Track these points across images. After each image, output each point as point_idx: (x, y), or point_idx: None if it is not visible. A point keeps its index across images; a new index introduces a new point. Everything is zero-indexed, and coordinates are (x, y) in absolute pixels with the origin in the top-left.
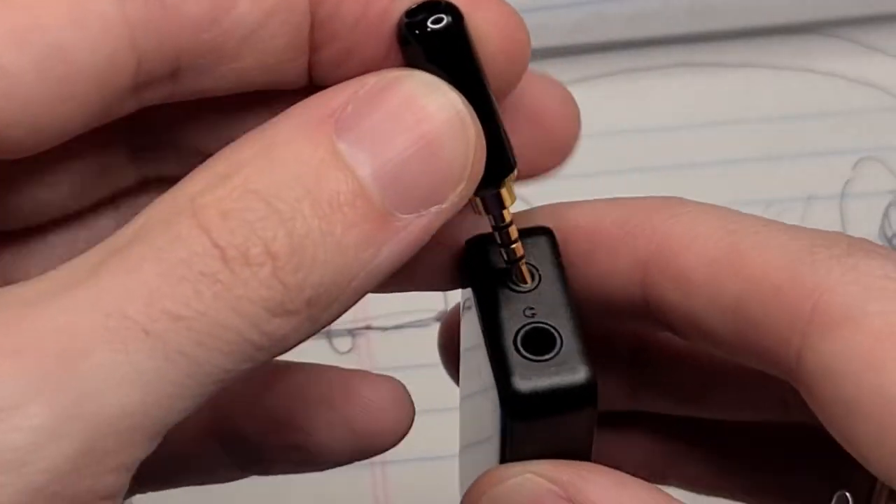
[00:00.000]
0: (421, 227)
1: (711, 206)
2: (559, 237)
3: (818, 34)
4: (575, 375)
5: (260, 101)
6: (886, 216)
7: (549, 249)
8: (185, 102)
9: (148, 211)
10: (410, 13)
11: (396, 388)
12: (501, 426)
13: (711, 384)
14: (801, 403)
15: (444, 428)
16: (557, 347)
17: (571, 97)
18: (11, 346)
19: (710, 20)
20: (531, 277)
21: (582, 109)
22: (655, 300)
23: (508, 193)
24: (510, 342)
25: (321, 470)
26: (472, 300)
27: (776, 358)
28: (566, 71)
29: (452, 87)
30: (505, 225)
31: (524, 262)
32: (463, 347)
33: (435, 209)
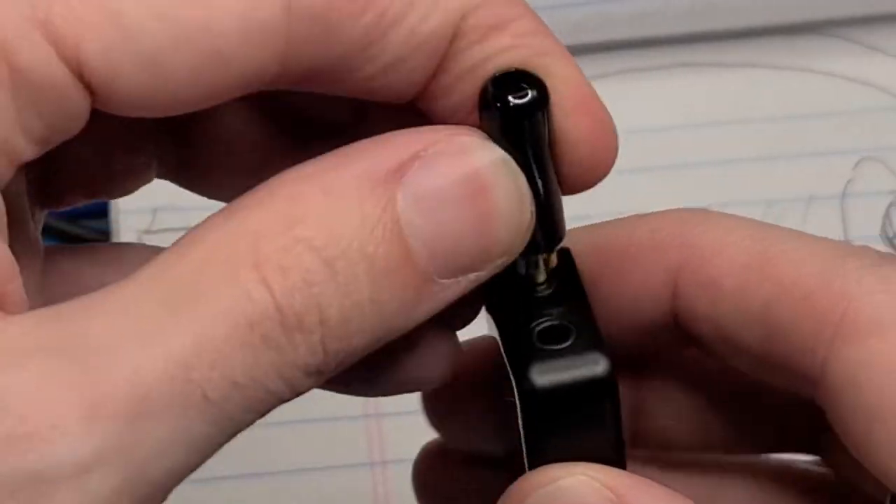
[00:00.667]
0: (456, 292)
1: (739, 216)
2: (590, 257)
3: (818, 34)
4: (594, 367)
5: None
6: (887, 216)
7: (564, 260)
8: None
9: (208, 234)
10: (497, 81)
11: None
12: (523, 424)
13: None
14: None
15: None
16: (572, 340)
17: (612, 126)
18: (88, 400)
19: (710, 20)
20: (547, 284)
21: None
22: (684, 310)
23: (548, 257)
24: (527, 339)
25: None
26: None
27: (801, 366)
28: None
29: (519, 162)
30: (537, 279)
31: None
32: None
33: (473, 276)
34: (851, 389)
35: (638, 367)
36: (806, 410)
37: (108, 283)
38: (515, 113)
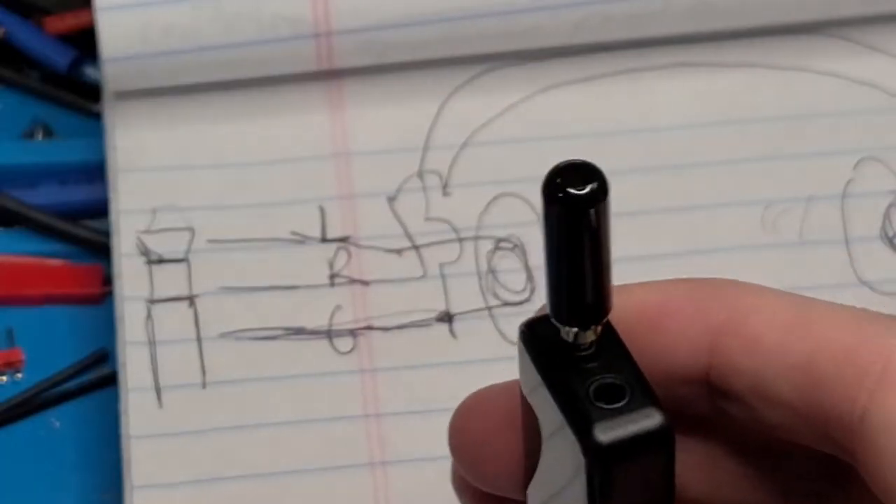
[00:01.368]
0: None
1: (769, 287)
2: (629, 313)
3: (818, 34)
4: (650, 420)
5: None
6: (887, 216)
7: (605, 326)
8: None
9: None
10: (558, 174)
11: None
12: (588, 483)
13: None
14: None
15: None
16: (628, 397)
17: None
18: None
19: (710, 20)
20: (592, 349)
21: (582, 109)
22: (722, 366)
23: (596, 327)
24: (584, 398)
25: None
26: (536, 381)
27: (840, 415)
28: (566, 71)
29: (576, 247)
30: (583, 343)
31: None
32: (545, 434)
33: None
34: (890, 436)
35: None
36: (822, 470)
37: None
38: (579, 206)
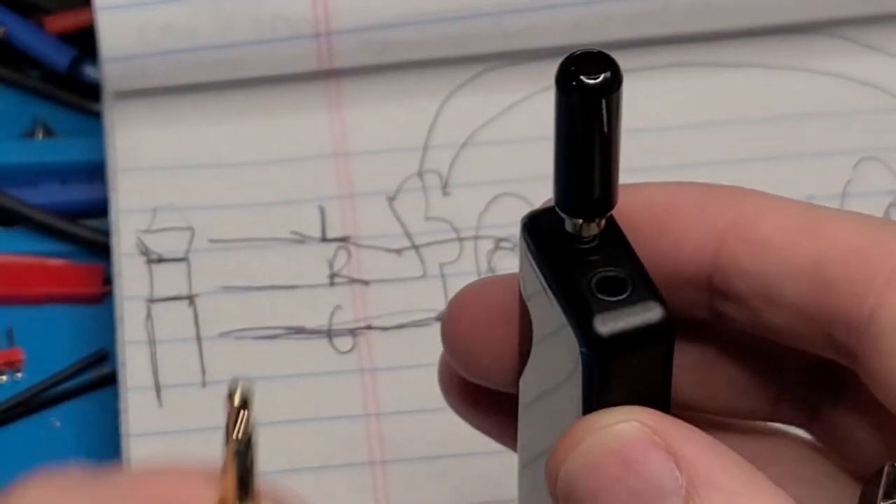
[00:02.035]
0: None
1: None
2: (635, 212)
3: (818, 34)
4: (651, 313)
5: None
6: (887, 216)
7: (608, 222)
8: None
9: None
10: (571, 62)
11: None
12: (584, 376)
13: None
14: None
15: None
16: (630, 290)
17: None
18: None
19: (709, 20)
20: (594, 242)
21: None
22: (728, 269)
23: (599, 220)
24: (585, 290)
25: None
26: (535, 280)
27: (846, 316)
28: None
29: (587, 134)
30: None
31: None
32: (537, 337)
33: None
34: None
35: None
36: (815, 380)
37: None
38: (591, 94)
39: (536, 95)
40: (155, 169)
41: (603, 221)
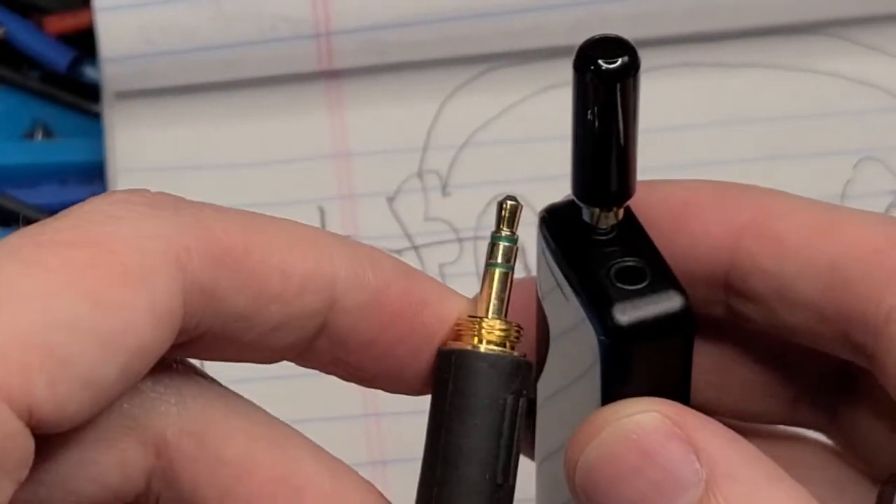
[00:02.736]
0: None
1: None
2: (653, 208)
3: (818, 34)
4: (672, 302)
5: None
6: None
7: (626, 213)
8: None
9: None
10: (591, 46)
11: None
12: (603, 365)
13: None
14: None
15: None
16: (649, 279)
17: None
18: None
19: (710, 20)
20: (612, 233)
21: None
22: (744, 268)
23: (617, 210)
24: (604, 279)
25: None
26: (552, 278)
27: (863, 316)
28: (566, 71)
29: (605, 120)
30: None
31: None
32: (553, 335)
33: None
34: None
35: None
36: (833, 384)
37: None
38: (608, 78)
39: (536, 96)
40: (155, 169)
41: (621, 212)
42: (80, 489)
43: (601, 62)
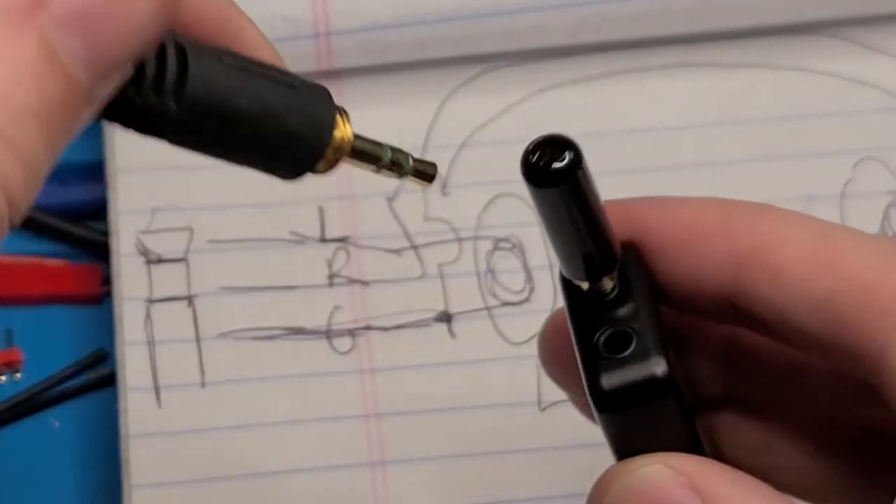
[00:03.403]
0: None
1: (801, 213)
2: (663, 228)
3: (818, 34)
4: (653, 368)
5: None
6: (886, 216)
7: (629, 256)
8: None
9: None
10: (533, 151)
11: None
12: (603, 429)
13: (791, 378)
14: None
15: (444, 428)
16: (634, 346)
17: None
18: None
19: (709, 20)
20: (615, 288)
21: (582, 109)
22: (747, 294)
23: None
24: (593, 346)
25: None
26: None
27: (859, 352)
28: (566, 71)
29: (571, 208)
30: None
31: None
32: None
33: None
34: None
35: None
36: (850, 384)
37: None
38: (558, 178)
39: (536, 95)
40: (154, 169)
41: (615, 273)
42: None
43: (551, 165)
